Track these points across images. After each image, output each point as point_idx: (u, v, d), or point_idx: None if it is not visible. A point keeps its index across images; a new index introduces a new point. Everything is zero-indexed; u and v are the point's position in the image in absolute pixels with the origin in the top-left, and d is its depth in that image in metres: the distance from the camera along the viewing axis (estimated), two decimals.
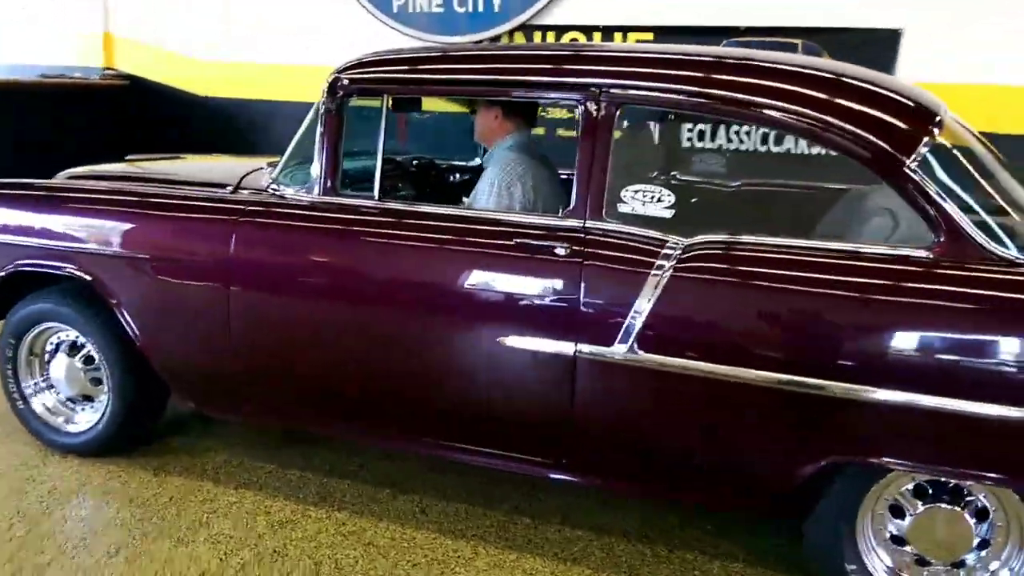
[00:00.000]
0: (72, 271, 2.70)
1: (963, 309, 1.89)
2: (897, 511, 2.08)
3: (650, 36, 5.77)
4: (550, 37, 5.98)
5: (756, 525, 2.57)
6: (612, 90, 2.20)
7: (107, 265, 2.67)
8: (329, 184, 2.50)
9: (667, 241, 2.11)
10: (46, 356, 2.96)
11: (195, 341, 2.64)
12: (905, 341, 1.89)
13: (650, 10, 5.46)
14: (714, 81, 2.15)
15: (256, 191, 2.68)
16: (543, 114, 6.03)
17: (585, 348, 2.17)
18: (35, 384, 2.97)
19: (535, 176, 2.58)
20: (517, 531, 2.54)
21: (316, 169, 2.52)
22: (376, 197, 2.46)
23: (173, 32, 7.10)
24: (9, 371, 2.94)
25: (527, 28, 5.83)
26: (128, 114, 7.15)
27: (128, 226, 2.67)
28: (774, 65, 2.20)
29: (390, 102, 2.49)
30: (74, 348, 2.90)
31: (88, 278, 2.68)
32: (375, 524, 2.55)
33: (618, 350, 2.12)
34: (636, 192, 2.20)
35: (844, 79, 2.13)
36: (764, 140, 5.62)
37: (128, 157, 3.77)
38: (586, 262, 2.16)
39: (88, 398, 2.94)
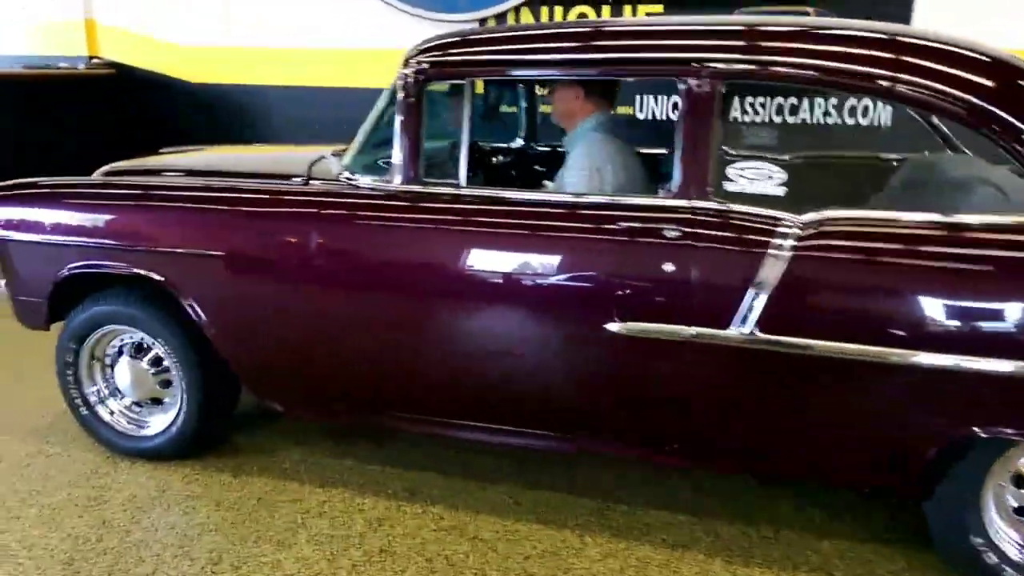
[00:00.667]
0: (141, 272, 2.60)
1: None
2: (1020, 481, 2.10)
3: (660, 8, 5.74)
4: (557, 12, 5.89)
5: (860, 505, 2.58)
6: (716, 65, 2.15)
7: (180, 265, 2.57)
8: (412, 173, 2.42)
9: (782, 219, 2.08)
10: (107, 360, 2.86)
11: (276, 340, 2.57)
12: None
13: None
14: (824, 53, 2.12)
15: (329, 181, 2.60)
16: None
17: (699, 331, 2.14)
18: (99, 390, 2.87)
19: (623, 157, 2.53)
20: (616, 518, 2.52)
21: (397, 157, 2.44)
22: (462, 184, 2.40)
23: (160, 17, 6.87)
24: (70, 377, 2.83)
25: (533, 3, 5.75)
26: (116, 104, 6.92)
27: (201, 223, 2.58)
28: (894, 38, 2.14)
29: (473, 85, 2.41)
30: (140, 350, 2.81)
31: (160, 279, 2.58)
32: (474, 517, 2.52)
33: (736, 332, 2.10)
34: (744, 170, 2.17)
35: (962, 51, 2.09)
36: (779, 111, 5.62)
37: (163, 150, 3.64)
38: (698, 244, 2.13)
39: (157, 401, 2.85)
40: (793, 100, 5.28)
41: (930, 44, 2.09)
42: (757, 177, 2.17)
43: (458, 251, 2.34)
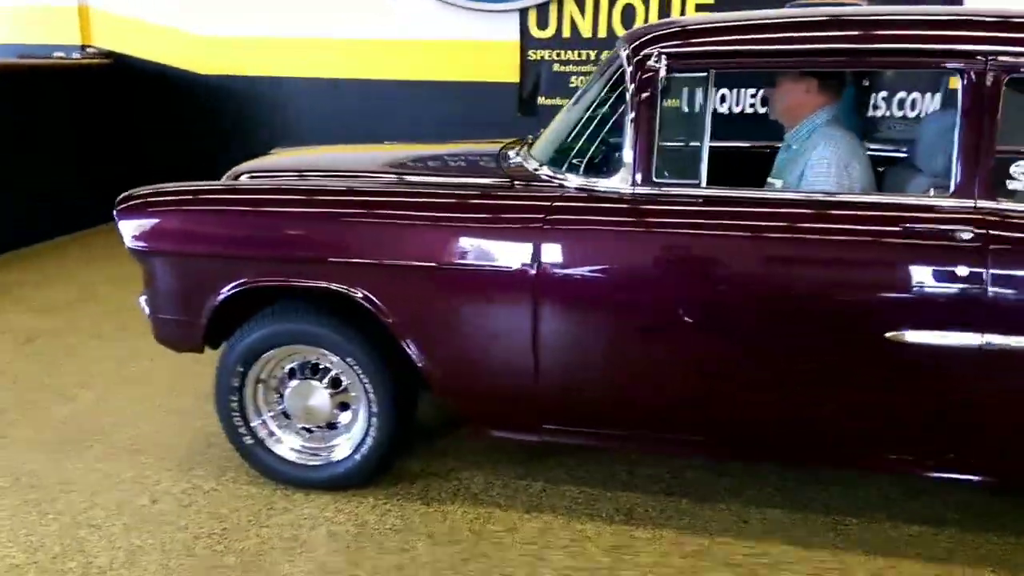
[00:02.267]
0: (339, 287, 2.33)
1: None
2: None
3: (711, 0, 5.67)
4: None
5: None
6: (1001, 58, 2.05)
7: (384, 278, 2.32)
8: (646, 173, 2.24)
9: None
10: (274, 383, 2.58)
11: (497, 359, 2.34)
12: None
13: None
14: None
15: (533, 180, 2.40)
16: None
17: (994, 339, 2.04)
18: (266, 417, 2.58)
19: (863, 152, 2.41)
20: (853, 532, 2.41)
21: (628, 155, 2.25)
22: (703, 184, 2.23)
23: (161, 3, 6.41)
24: (235, 404, 2.54)
25: None
26: (115, 96, 6.43)
27: (410, 232, 2.33)
28: None
29: (713, 78, 2.25)
30: (315, 371, 2.54)
31: (359, 294, 2.32)
32: (711, 539, 2.37)
33: None
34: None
35: None
36: None
37: (275, 150, 3.34)
38: (991, 246, 2.03)
39: (331, 426, 2.59)
40: None
41: None
42: None
43: (714, 256, 2.18)
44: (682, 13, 5.64)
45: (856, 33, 2.17)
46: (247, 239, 2.41)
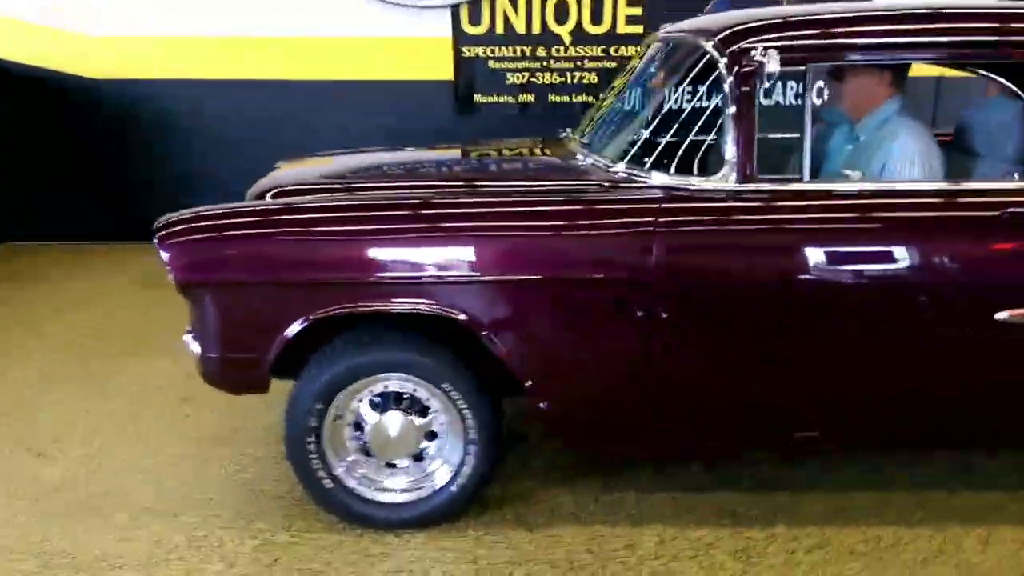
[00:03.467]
0: (438, 308, 2.14)
1: None
2: None
3: None
4: None
5: None
6: None
7: (487, 296, 2.16)
8: (748, 170, 2.21)
9: None
10: (350, 417, 2.34)
11: (609, 369, 2.23)
12: None
13: None
14: None
15: (624, 183, 2.32)
16: (532, 80, 5.83)
17: None
18: (348, 456, 2.34)
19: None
20: (941, 505, 2.50)
21: (730, 153, 2.21)
22: (805, 178, 2.23)
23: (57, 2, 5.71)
24: (312, 446, 2.28)
25: None
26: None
27: (515, 243, 2.17)
28: None
29: (813, 73, 2.24)
30: (397, 401, 2.33)
31: (460, 316, 2.15)
32: (822, 530, 2.38)
33: None
34: None
35: None
36: None
37: (278, 164, 3.05)
38: None
39: (418, 458, 2.38)
40: None
41: None
42: None
43: (842, 250, 2.17)
44: (614, 10, 5.68)
45: (965, 26, 2.23)
46: (335, 262, 2.16)
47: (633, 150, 2.43)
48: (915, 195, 2.23)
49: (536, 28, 5.70)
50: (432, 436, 2.37)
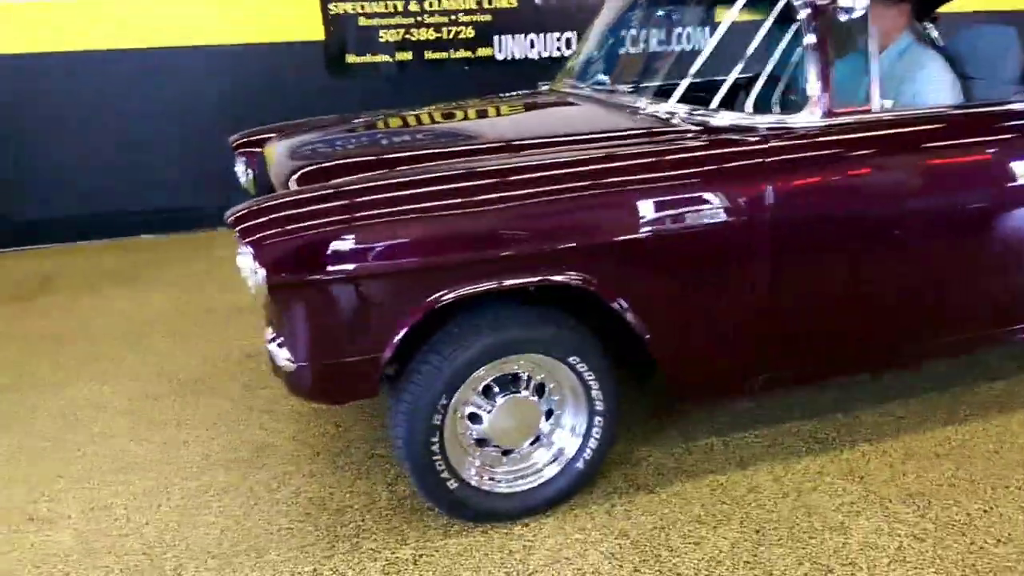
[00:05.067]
0: (580, 278, 1.98)
1: None
2: None
3: None
4: None
5: None
6: None
7: (614, 259, 2.03)
8: (830, 105, 2.25)
9: None
10: (466, 409, 2.12)
11: (732, 317, 2.20)
12: None
13: None
14: None
15: (714, 129, 2.27)
16: (408, 37, 5.53)
17: None
18: (471, 451, 2.12)
19: None
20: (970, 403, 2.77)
21: (814, 89, 2.24)
22: (875, 109, 2.31)
23: None
24: (435, 446, 2.04)
25: None
26: None
27: (635, 200, 2.02)
28: None
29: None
30: (514, 383, 2.14)
31: (592, 282, 2.00)
32: (913, 440, 2.54)
33: None
34: None
35: None
36: None
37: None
38: None
39: (534, 441, 2.22)
40: None
41: None
42: None
43: (928, 176, 2.29)
44: None
45: None
46: (460, 240, 1.90)
47: (696, 96, 2.38)
48: (981, 116, 2.40)
49: None
50: (547, 415, 2.21)
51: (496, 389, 2.12)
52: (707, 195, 2.09)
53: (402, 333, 1.92)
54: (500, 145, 2.30)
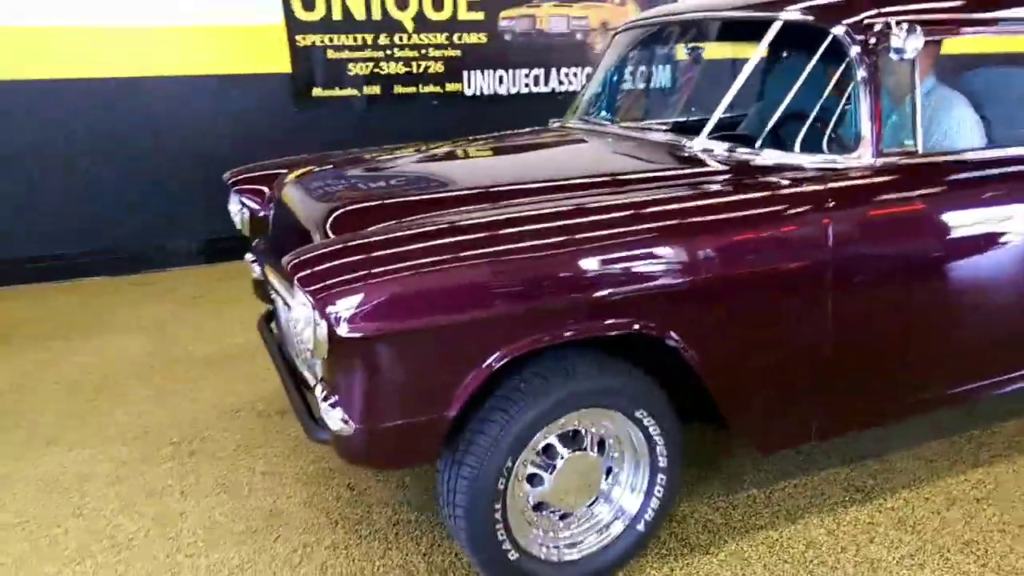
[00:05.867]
0: (654, 326, 1.87)
1: None
2: None
3: None
4: None
5: None
6: None
7: (688, 304, 1.92)
8: (879, 145, 2.22)
9: None
10: (524, 471, 1.97)
11: (796, 363, 2.12)
12: None
13: None
14: None
15: (759, 172, 2.21)
16: (377, 71, 5.39)
17: None
18: (536, 518, 1.97)
19: None
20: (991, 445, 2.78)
21: (865, 129, 2.21)
22: (919, 151, 2.29)
23: None
24: (499, 513, 1.88)
25: None
26: None
27: (702, 245, 1.93)
28: None
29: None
30: (574, 440, 2.01)
31: (671, 331, 1.90)
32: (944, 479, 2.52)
33: None
34: None
35: None
36: None
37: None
38: None
39: (595, 501, 2.08)
40: None
41: None
42: None
43: (971, 214, 2.27)
44: None
45: None
46: (542, 282, 1.76)
47: (749, 133, 2.33)
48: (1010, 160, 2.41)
49: (376, 15, 5.28)
50: (607, 473, 2.08)
51: (557, 448, 1.98)
52: (774, 237, 2.02)
53: (473, 388, 1.76)
54: (548, 185, 2.18)
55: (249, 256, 2.86)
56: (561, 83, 5.91)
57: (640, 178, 2.21)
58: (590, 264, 1.81)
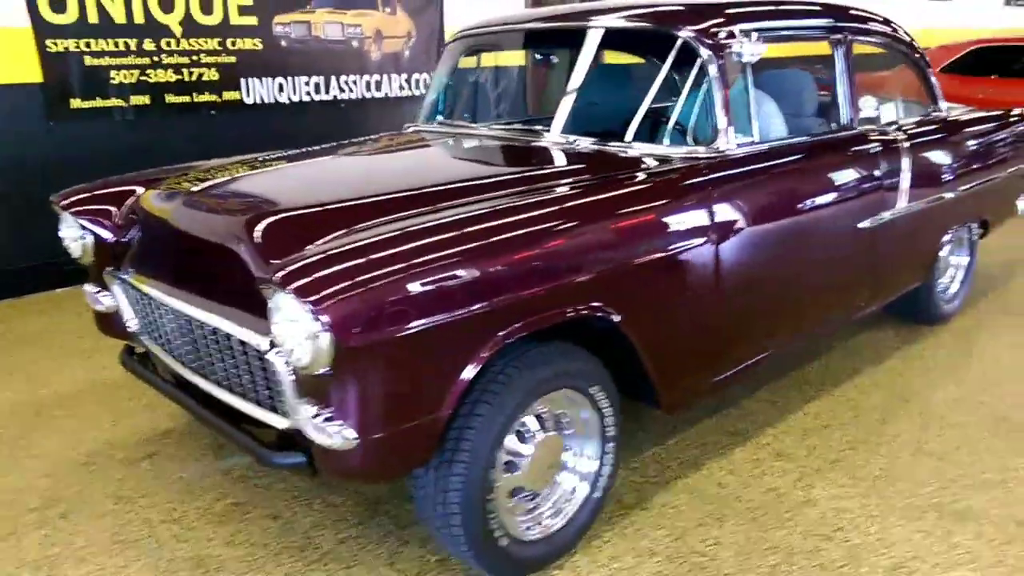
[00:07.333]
0: (605, 309, 2.03)
1: None
2: None
3: None
4: None
5: None
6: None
7: (626, 285, 2.11)
8: (731, 135, 2.57)
9: None
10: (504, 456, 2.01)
11: (699, 326, 2.39)
12: None
13: None
14: None
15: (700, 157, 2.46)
16: (144, 79, 4.94)
17: None
18: (509, 502, 2.01)
19: None
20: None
21: (721, 122, 2.52)
22: (756, 139, 2.69)
23: None
24: (491, 503, 1.92)
25: None
26: None
27: (651, 225, 2.15)
28: None
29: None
30: (541, 423, 2.10)
31: (614, 311, 2.06)
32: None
33: None
34: None
35: None
36: None
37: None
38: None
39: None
40: None
41: None
42: None
43: (821, 186, 2.78)
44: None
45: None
46: (528, 273, 1.84)
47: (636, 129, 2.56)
48: (835, 142, 2.93)
49: (139, 18, 4.83)
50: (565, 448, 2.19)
51: (530, 432, 2.05)
52: (683, 215, 2.27)
53: (467, 382, 1.78)
54: (475, 185, 2.22)
55: (90, 287, 2.56)
56: (342, 91, 5.82)
57: (547, 174, 2.35)
58: (565, 252, 1.93)
